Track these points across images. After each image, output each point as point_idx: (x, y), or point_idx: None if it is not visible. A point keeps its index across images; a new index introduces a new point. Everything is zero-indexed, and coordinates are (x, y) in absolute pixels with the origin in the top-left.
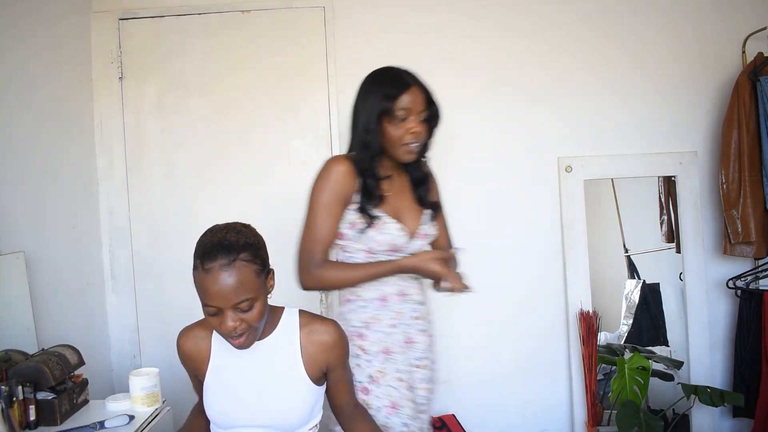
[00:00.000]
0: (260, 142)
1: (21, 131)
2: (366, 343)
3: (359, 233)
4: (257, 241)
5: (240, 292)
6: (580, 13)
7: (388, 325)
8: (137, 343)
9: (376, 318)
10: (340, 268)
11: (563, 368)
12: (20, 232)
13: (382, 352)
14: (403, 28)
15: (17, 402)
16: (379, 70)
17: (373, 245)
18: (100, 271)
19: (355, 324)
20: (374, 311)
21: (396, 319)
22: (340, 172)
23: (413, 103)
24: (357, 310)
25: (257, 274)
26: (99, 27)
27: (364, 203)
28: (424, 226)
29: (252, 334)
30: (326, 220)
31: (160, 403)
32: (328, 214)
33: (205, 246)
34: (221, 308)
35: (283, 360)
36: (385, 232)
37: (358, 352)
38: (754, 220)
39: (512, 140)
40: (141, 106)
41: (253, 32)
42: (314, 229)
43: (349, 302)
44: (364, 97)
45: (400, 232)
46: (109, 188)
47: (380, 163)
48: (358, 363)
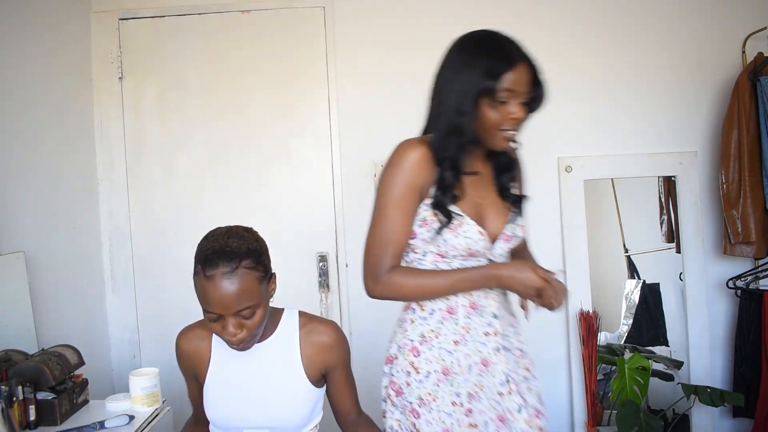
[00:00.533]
0: (260, 142)
1: (21, 131)
2: (419, 361)
3: (432, 233)
4: (259, 247)
5: (242, 300)
6: (580, 13)
7: (451, 341)
8: (137, 343)
9: (435, 332)
10: (416, 275)
11: (563, 368)
12: (20, 232)
13: (439, 372)
14: (404, 29)
15: (17, 402)
16: (477, 36)
17: (446, 248)
18: (100, 271)
19: (412, 337)
20: (435, 324)
21: (461, 335)
22: (414, 159)
23: (519, 84)
24: (416, 321)
25: (259, 281)
26: (99, 27)
27: (440, 199)
28: (510, 226)
29: (252, 339)
30: (398, 216)
31: (160, 403)
32: (401, 209)
33: (207, 252)
34: (222, 315)
35: (282, 361)
36: (462, 236)
37: (409, 369)
38: (754, 220)
39: None
40: (141, 106)
41: (253, 32)
42: (384, 227)
43: (411, 311)
44: (457, 68)
45: (478, 237)
46: (109, 188)
47: (468, 152)
48: (408, 381)
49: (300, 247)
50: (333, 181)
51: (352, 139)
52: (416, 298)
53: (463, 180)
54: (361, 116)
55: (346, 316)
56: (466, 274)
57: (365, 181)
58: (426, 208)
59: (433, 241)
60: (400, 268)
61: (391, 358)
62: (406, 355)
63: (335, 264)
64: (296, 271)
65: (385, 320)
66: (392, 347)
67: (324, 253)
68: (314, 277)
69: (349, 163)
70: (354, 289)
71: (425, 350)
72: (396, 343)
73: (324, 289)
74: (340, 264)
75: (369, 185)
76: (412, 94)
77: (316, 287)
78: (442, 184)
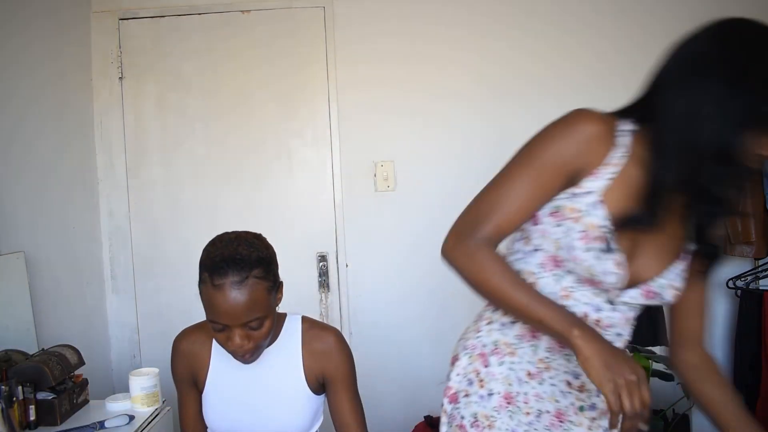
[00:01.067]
0: (260, 142)
1: (21, 131)
2: (486, 373)
3: (560, 231)
4: (269, 255)
5: (251, 311)
6: (579, 14)
7: (524, 369)
8: (137, 343)
9: (511, 349)
10: (503, 268)
11: None
12: (20, 232)
13: (502, 395)
14: (404, 29)
15: (17, 402)
16: (754, 38)
17: (568, 256)
18: (100, 271)
19: (485, 341)
20: (513, 338)
21: (537, 370)
22: (588, 135)
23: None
24: (494, 324)
25: (269, 291)
26: (99, 27)
27: (631, 216)
28: (664, 280)
29: (258, 352)
30: (530, 188)
31: (160, 403)
32: (538, 183)
33: (215, 259)
34: (229, 325)
35: (284, 368)
36: (595, 252)
37: (472, 377)
38: (754, 220)
39: (513, 140)
40: (141, 106)
41: (253, 32)
42: (506, 191)
43: (492, 308)
44: (723, 78)
45: (611, 267)
46: (109, 188)
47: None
48: (467, 391)
49: (300, 247)
50: (333, 181)
51: (352, 139)
52: (482, 291)
53: None
54: (361, 116)
55: (346, 316)
56: (547, 308)
57: (365, 181)
58: (568, 197)
59: (557, 241)
60: (492, 248)
61: (455, 358)
62: (473, 360)
63: (335, 264)
64: (296, 271)
65: (385, 320)
66: (459, 345)
67: (324, 253)
68: (314, 277)
69: (349, 163)
70: (354, 289)
71: (495, 363)
72: (464, 342)
73: (324, 289)
74: (340, 264)
75: (369, 185)
76: (412, 93)
77: (316, 287)
78: (650, 202)
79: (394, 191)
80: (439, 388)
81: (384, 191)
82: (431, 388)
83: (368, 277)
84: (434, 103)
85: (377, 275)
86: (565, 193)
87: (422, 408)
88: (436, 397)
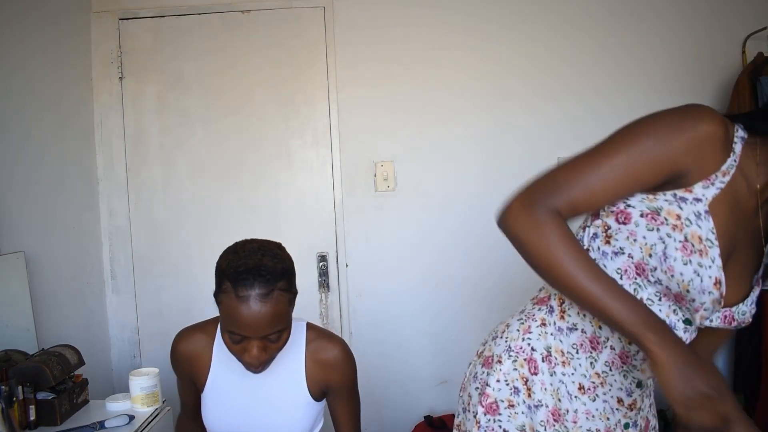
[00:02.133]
0: (260, 142)
1: (21, 131)
2: (534, 381)
3: (655, 236)
4: (291, 266)
5: (275, 323)
6: (580, 14)
7: (576, 382)
8: (137, 343)
9: (565, 358)
10: (573, 245)
11: None
12: (20, 232)
13: (550, 409)
14: (404, 29)
15: (17, 402)
16: None
17: (658, 266)
18: (100, 271)
19: (535, 345)
20: (569, 347)
21: (591, 384)
22: (705, 134)
23: None
24: (549, 327)
25: (290, 302)
26: (99, 27)
27: None
28: (749, 302)
29: (271, 361)
30: (622, 172)
31: (160, 403)
32: (634, 174)
33: (239, 269)
34: (249, 337)
35: (286, 374)
36: (694, 267)
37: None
38: None
39: (512, 140)
40: (141, 106)
41: (253, 32)
42: (595, 168)
43: (547, 309)
44: None
45: (710, 286)
46: (109, 188)
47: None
48: (512, 401)
49: (300, 247)
50: (333, 181)
51: (352, 139)
52: (544, 269)
53: None
54: (361, 116)
55: (346, 316)
56: (622, 304)
57: (365, 181)
58: (671, 200)
59: (649, 246)
60: (562, 222)
61: (491, 359)
62: (519, 365)
63: (335, 264)
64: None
65: (385, 320)
66: (499, 345)
67: (324, 253)
68: (314, 277)
69: (349, 163)
70: (354, 289)
71: (545, 371)
72: (507, 342)
73: (324, 289)
74: (340, 264)
75: (369, 185)
76: (412, 93)
77: (316, 287)
78: None
79: (394, 191)
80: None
81: (384, 191)
82: (431, 388)
83: (368, 277)
84: (434, 103)
85: (377, 275)
86: (667, 195)
87: (422, 408)
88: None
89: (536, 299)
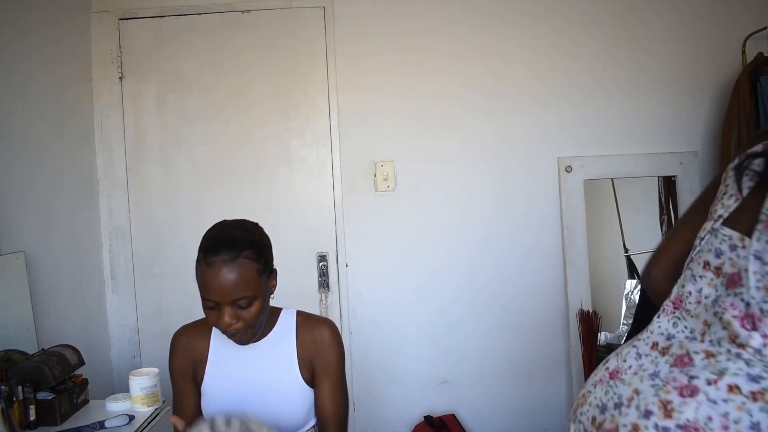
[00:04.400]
0: (260, 142)
1: (21, 131)
2: None
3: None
4: (262, 240)
5: (240, 289)
6: (579, 15)
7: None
8: (137, 343)
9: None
10: None
11: (563, 368)
12: (20, 232)
13: None
14: (404, 29)
15: (17, 402)
16: None
17: None
18: (100, 271)
19: None
20: None
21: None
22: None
23: None
24: None
25: (259, 273)
26: (99, 27)
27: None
28: None
29: (250, 332)
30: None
31: (160, 403)
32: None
33: (210, 240)
34: (219, 303)
35: (278, 361)
36: None
37: None
38: None
39: (512, 140)
40: (141, 106)
41: (253, 32)
42: None
43: None
44: None
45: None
46: (109, 188)
47: None
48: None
49: (300, 247)
50: (333, 181)
51: (352, 139)
52: None
53: None
54: (361, 116)
55: (346, 316)
56: None
57: (365, 181)
58: None
59: None
60: None
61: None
62: None
63: (335, 264)
64: (296, 271)
65: (385, 320)
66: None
67: (324, 253)
68: (314, 277)
69: (349, 163)
70: (354, 289)
71: None
72: None
73: (324, 289)
74: (340, 264)
75: (369, 185)
76: (412, 93)
77: (315, 287)
78: None
79: (394, 191)
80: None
81: (384, 191)
82: (431, 388)
83: (368, 277)
84: (434, 103)
85: (377, 275)
86: None
87: (422, 408)
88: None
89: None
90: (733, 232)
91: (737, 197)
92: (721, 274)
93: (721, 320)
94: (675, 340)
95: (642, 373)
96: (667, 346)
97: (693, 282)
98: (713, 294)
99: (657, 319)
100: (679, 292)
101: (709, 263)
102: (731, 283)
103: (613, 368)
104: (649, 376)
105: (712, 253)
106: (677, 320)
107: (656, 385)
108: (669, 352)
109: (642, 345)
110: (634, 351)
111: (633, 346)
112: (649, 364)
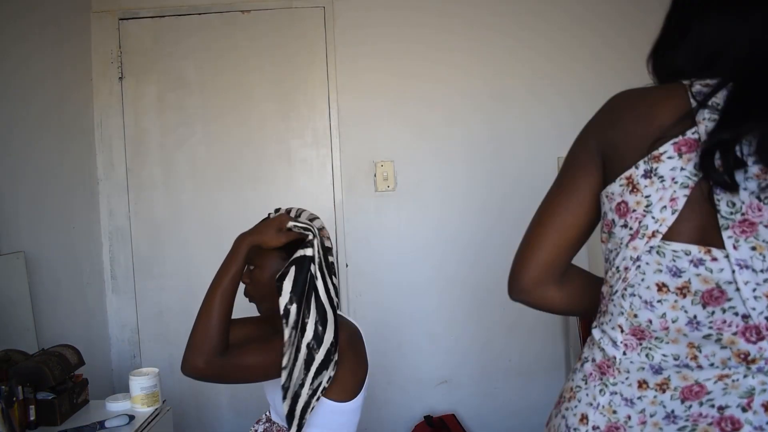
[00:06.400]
0: (260, 142)
1: (21, 131)
2: None
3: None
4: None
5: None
6: (579, 14)
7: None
8: (137, 343)
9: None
10: None
11: (563, 368)
12: (20, 232)
13: None
14: (404, 29)
15: (17, 402)
16: None
17: None
18: (100, 271)
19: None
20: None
21: None
22: None
23: None
24: (591, 389)
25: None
26: (99, 27)
27: None
28: None
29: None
30: None
31: (160, 403)
32: None
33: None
34: None
35: None
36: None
37: None
38: None
39: (512, 140)
40: (141, 106)
41: (253, 32)
42: None
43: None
44: None
45: None
46: (109, 188)
47: None
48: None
49: None
50: (333, 181)
51: (352, 139)
52: None
53: None
54: (361, 116)
55: (346, 316)
56: None
57: (365, 181)
58: None
59: None
60: None
61: None
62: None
63: (335, 264)
64: None
65: (385, 320)
66: None
67: None
68: None
69: (349, 163)
70: (354, 288)
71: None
72: None
73: None
74: (340, 264)
75: (369, 185)
76: (412, 93)
77: None
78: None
79: (394, 191)
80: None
81: (384, 191)
82: (431, 388)
83: (368, 277)
84: (435, 103)
85: (377, 275)
86: None
87: (422, 408)
88: (436, 397)
89: None
90: (689, 245)
91: (673, 208)
92: (689, 293)
93: (720, 342)
94: (666, 372)
95: (650, 419)
96: (661, 381)
97: (650, 309)
98: (683, 316)
99: (623, 357)
100: (632, 323)
101: (666, 285)
102: (710, 299)
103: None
104: (665, 420)
105: (667, 273)
106: (649, 350)
107: (684, 427)
108: (669, 386)
109: (624, 389)
110: (618, 398)
111: (611, 393)
112: (653, 407)
